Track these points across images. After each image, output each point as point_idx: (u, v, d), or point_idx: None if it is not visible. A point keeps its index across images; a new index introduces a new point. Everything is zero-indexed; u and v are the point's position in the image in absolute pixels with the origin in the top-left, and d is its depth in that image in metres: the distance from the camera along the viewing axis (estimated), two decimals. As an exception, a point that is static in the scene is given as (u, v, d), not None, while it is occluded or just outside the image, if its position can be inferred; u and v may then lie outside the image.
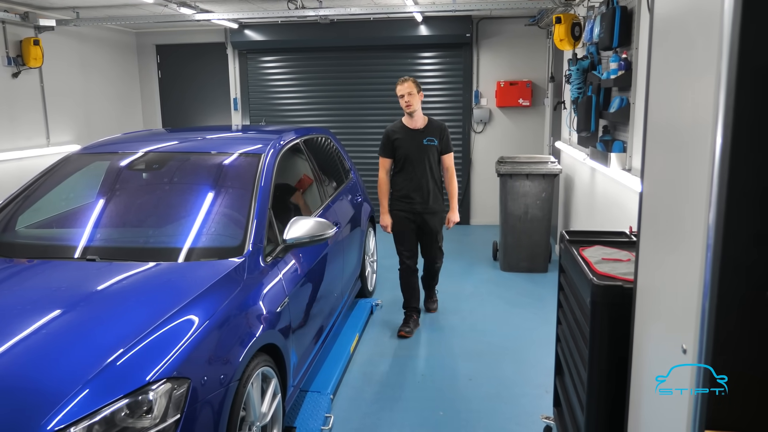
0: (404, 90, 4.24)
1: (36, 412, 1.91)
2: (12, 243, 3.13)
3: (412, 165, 4.34)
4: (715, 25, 1.23)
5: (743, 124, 1.16)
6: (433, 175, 4.38)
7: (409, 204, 4.38)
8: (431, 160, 4.35)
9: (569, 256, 2.54)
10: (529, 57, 7.74)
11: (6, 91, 6.07)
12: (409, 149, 4.33)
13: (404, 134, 4.36)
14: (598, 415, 2.14)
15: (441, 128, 4.42)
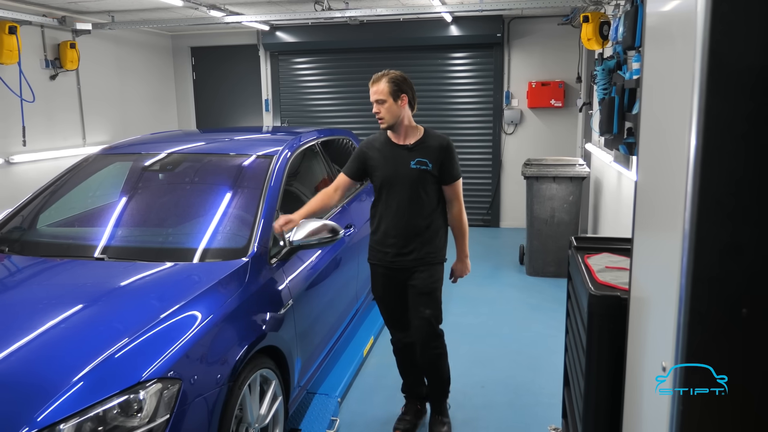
0: (374, 94, 2.91)
1: (30, 404, 1.95)
2: (31, 241, 3.22)
3: (392, 196, 2.98)
4: (690, 26, 1.16)
5: (715, 130, 1.09)
6: (422, 211, 2.96)
7: (384, 253, 3.05)
8: (422, 190, 2.95)
9: (574, 263, 2.46)
10: (561, 57, 7.58)
11: (44, 93, 6.27)
12: (387, 173, 2.98)
13: (384, 152, 3.01)
14: (595, 428, 2.07)
15: (441, 147, 2.97)
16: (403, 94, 2.92)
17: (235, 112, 8.81)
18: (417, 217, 2.98)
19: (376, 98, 2.91)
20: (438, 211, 3.05)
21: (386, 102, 2.89)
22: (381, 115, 2.92)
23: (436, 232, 3.04)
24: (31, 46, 6.11)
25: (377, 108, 2.92)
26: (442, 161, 2.97)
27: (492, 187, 8.09)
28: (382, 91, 2.90)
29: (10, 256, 2.96)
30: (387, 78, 2.90)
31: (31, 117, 6.04)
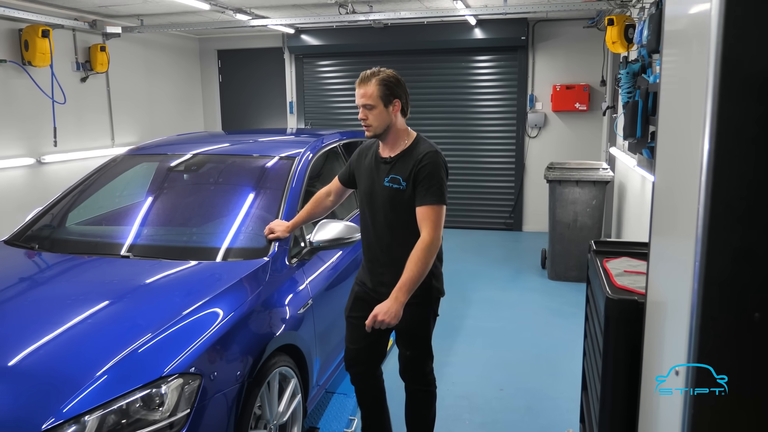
0: (361, 97, 2.51)
1: (56, 396, 2.01)
2: (61, 239, 3.31)
3: (371, 215, 2.62)
4: (705, 30, 1.16)
5: (726, 133, 1.09)
6: (402, 238, 2.51)
7: (365, 276, 2.72)
8: (398, 214, 2.51)
9: (593, 267, 2.45)
10: (586, 60, 7.52)
11: (75, 95, 6.43)
12: (364, 188, 2.65)
13: (369, 163, 2.64)
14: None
15: (418, 159, 2.46)
16: (396, 99, 2.50)
17: (259, 113, 8.92)
18: (396, 247, 2.53)
19: (363, 102, 2.48)
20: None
21: (375, 108, 2.47)
22: (368, 122, 2.49)
23: None
24: (63, 49, 6.27)
25: (364, 114, 2.48)
26: (416, 175, 2.45)
27: (515, 190, 8.06)
28: (371, 95, 2.47)
29: (40, 253, 3.05)
30: (377, 79, 2.49)
31: (62, 118, 6.20)
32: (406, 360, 2.70)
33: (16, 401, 2.03)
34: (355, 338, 2.76)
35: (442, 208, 2.45)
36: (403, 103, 2.56)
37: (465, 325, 4.70)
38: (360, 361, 2.78)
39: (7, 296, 2.67)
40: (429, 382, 2.75)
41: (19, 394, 2.05)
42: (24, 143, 5.83)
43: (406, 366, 2.72)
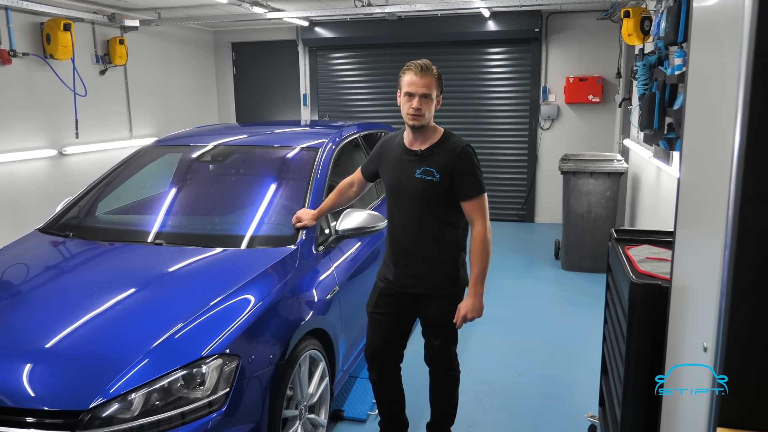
0: (422, 86, 2.48)
1: (101, 377, 2.12)
2: (92, 227, 3.41)
3: (399, 208, 2.63)
4: (737, 23, 1.23)
5: (759, 125, 1.16)
6: (432, 230, 2.57)
7: (390, 270, 2.72)
8: (430, 205, 2.56)
9: (615, 254, 2.53)
10: (600, 52, 7.55)
11: (94, 87, 6.53)
12: (392, 181, 2.66)
13: (395, 155, 2.66)
14: (634, 415, 2.14)
15: (452, 154, 2.53)
16: (441, 94, 2.59)
17: (273, 106, 9.00)
18: (426, 236, 2.58)
19: (424, 92, 2.47)
20: (455, 231, 2.62)
21: (432, 100, 2.51)
22: (423, 111, 2.49)
23: (451, 256, 2.61)
24: (83, 42, 6.36)
25: (420, 103, 2.47)
26: (453, 170, 2.51)
27: (527, 182, 8.11)
28: (432, 85, 2.49)
29: (75, 240, 3.15)
30: (436, 72, 2.52)
31: (82, 110, 6.30)
32: (434, 348, 2.76)
33: (64, 381, 2.13)
34: (378, 334, 2.79)
35: (485, 196, 2.58)
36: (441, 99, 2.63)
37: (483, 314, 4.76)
38: (382, 357, 2.82)
39: (46, 282, 2.78)
40: (453, 368, 2.83)
41: (66, 374, 2.15)
42: (46, 135, 5.94)
43: (432, 353, 2.78)
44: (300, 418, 2.65)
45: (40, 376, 2.15)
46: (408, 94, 2.51)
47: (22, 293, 2.68)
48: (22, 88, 5.64)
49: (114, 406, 2.06)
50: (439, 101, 2.58)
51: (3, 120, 5.45)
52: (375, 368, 2.84)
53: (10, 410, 2.06)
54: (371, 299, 2.83)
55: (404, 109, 2.53)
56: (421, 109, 2.49)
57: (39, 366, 2.18)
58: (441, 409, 2.88)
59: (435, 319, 2.68)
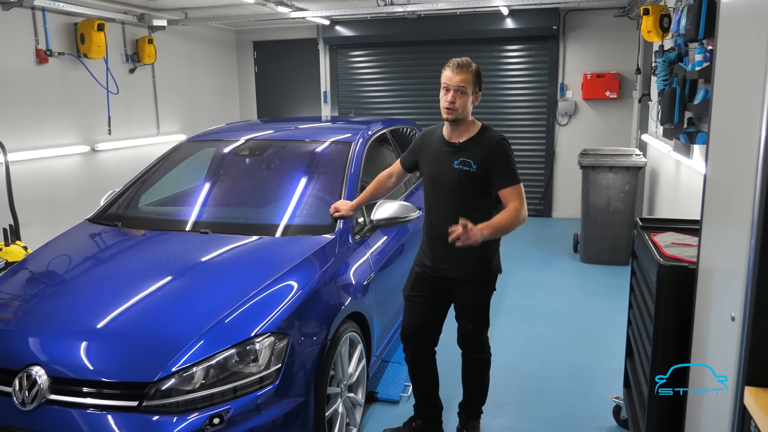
0: (460, 81, 2.63)
1: (163, 354, 2.29)
2: (137, 217, 3.59)
3: (437, 197, 2.79)
4: (764, 20, 1.36)
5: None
6: (467, 216, 2.57)
7: (427, 257, 2.85)
8: (467, 195, 2.69)
9: (641, 241, 2.66)
10: (617, 49, 7.64)
11: (124, 86, 6.73)
12: (431, 172, 2.80)
13: (435, 147, 2.81)
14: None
15: (489, 145, 2.67)
16: (479, 90, 2.73)
17: (294, 103, 9.17)
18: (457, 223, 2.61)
19: (460, 87, 2.62)
20: (489, 220, 2.64)
21: (466, 95, 2.65)
22: (456, 105, 2.63)
23: (484, 244, 2.62)
24: (113, 42, 6.56)
25: (454, 97, 2.62)
26: (489, 162, 2.65)
27: (545, 177, 8.23)
28: (468, 81, 2.64)
29: (124, 229, 3.33)
30: (474, 69, 2.67)
31: (113, 108, 6.50)
32: (466, 332, 2.90)
33: (130, 357, 2.31)
34: (414, 316, 2.91)
35: (522, 186, 2.71)
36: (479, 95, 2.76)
37: (504, 304, 4.91)
38: (418, 339, 2.93)
39: (103, 267, 2.96)
40: (485, 350, 2.98)
41: (131, 351, 2.33)
42: (79, 132, 6.14)
43: (465, 337, 2.92)
44: (341, 396, 2.81)
45: (108, 353, 2.32)
46: (445, 89, 2.67)
47: (79, 278, 2.87)
48: (57, 86, 5.84)
49: (176, 379, 2.23)
50: (477, 97, 2.72)
51: (39, 117, 5.66)
52: (410, 349, 2.96)
53: (82, 382, 2.23)
54: (408, 283, 2.96)
55: (441, 103, 2.69)
56: (454, 102, 2.64)
57: (104, 344, 2.36)
58: (473, 389, 3.03)
59: (468, 303, 2.83)
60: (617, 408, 3.16)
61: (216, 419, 2.19)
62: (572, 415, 3.27)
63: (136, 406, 2.18)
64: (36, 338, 2.39)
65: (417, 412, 3.08)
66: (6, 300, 2.70)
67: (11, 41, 5.30)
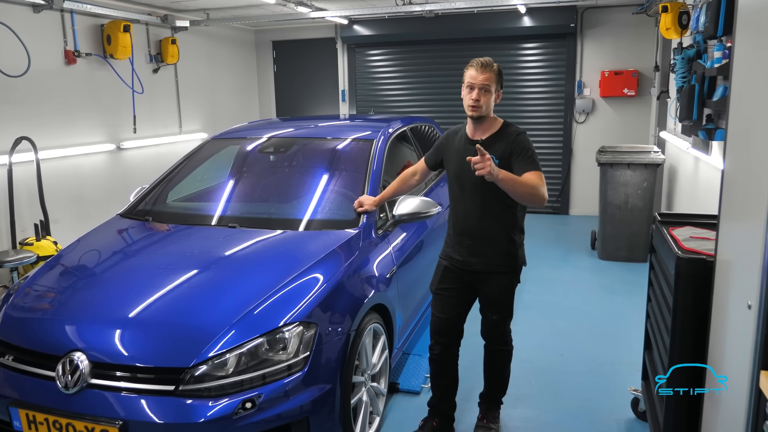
0: (484, 80, 2.71)
1: (197, 342, 2.39)
2: (167, 212, 3.70)
3: (462, 193, 2.86)
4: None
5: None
6: (493, 213, 2.78)
7: (454, 250, 2.92)
8: (490, 190, 2.72)
9: (660, 235, 2.71)
10: (635, 46, 7.65)
11: (148, 85, 6.88)
12: (457, 169, 2.87)
13: (459, 145, 2.89)
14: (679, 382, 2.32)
15: (509, 139, 2.77)
16: (501, 89, 2.83)
17: (312, 102, 9.28)
18: (488, 219, 2.80)
19: (484, 85, 2.71)
20: (513, 213, 2.82)
21: (490, 93, 2.74)
22: (480, 103, 2.72)
23: (510, 237, 2.81)
24: (138, 42, 6.70)
25: (479, 95, 2.71)
26: (510, 153, 2.74)
27: (562, 175, 8.25)
28: (492, 79, 2.73)
29: (154, 223, 3.44)
30: (497, 68, 2.77)
31: (138, 107, 6.65)
32: (491, 323, 2.97)
33: (166, 344, 2.41)
34: (445, 309, 2.95)
35: (542, 173, 2.75)
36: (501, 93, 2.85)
37: (523, 299, 4.97)
38: (449, 332, 2.97)
39: (135, 259, 3.08)
40: (507, 342, 3.05)
41: (166, 339, 2.44)
42: (105, 130, 6.29)
43: (489, 328, 2.99)
44: (365, 385, 2.90)
45: (145, 340, 2.43)
46: (469, 87, 2.75)
47: (115, 269, 2.99)
48: (84, 86, 6.00)
49: (210, 365, 2.33)
50: (498, 95, 2.81)
51: (68, 116, 5.81)
52: (441, 343, 2.99)
53: (121, 367, 2.34)
54: (435, 278, 3.00)
55: (465, 101, 2.76)
56: (479, 100, 2.73)
57: (141, 331, 2.47)
58: (494, 380, 3.10)
59: (495, 294, 2.90)
60: (635, 400, 3.22)
61: (248, 404, 2.29)
62: (590, 407, 3.33)
63: (172, 390, 2.28)
64: (78, 326, 2.51)
65: (436, 410, 3.08)
66: (49, 290, 2.83)
67: (41, 43, 5.46)
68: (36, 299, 2.76)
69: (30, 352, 2.48)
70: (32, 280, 2.90)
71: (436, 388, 3.08)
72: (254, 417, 2.30)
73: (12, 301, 2.76)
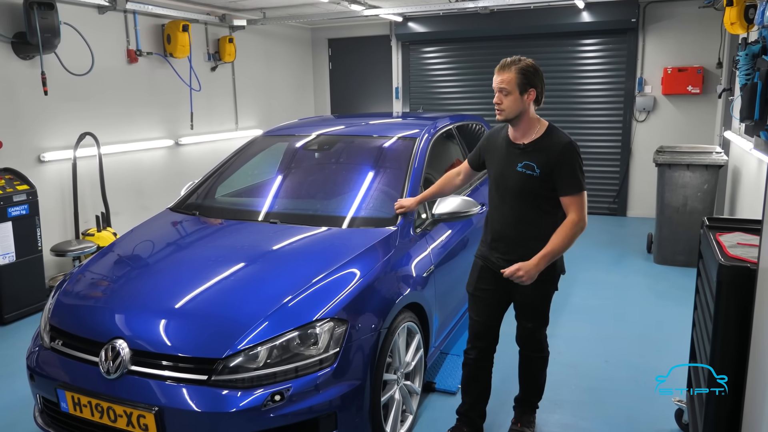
0: (500, 82, 2.61)
1: (229, 335, 2.45)
2: (214, 207, 3.82)
3: (501, 197, 2.75)
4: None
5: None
6: (531, 220, 2.68)
7: (489, 253, 2.83)
8: (530, 197, 2.65)
9: (706, 240, 2.60)
10: (701, 41, 7.31)
11: (207, 83, 7.10)
12: (496, 173, 2.78)
13: (500, 148, 2.78)
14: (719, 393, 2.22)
15: (554, 150, 2.60)
16: (532, 88, 2.61)
17: (366, 99, 9.34)
18: (525, 225, 2.68)
19: (501, 87, 2.61)
20: (550, 223, 2.65)
21: (511, 94, 2.60)
22: (502, 106, 2.62)
23: (544, 244, 2.61)
24: (197, 41, 6.94)
25: (499, 98, 2.62)
26: (553, 166, 2.58)
27: (620, 175, 7.99)
28: (510, 80, 2.59)
29: (201, 218, 3.56)
30: (517, 68, 2.59)
31: (196, 104, 6.88)
32: (526, 331, 2.87)
33: (200, 335, 2.49)
34: (482, 312, 2.86)
35: (584, 194, 2.61)
36: (538, 92, 2.64)
37: (570, 303, 4.86)
38: (487, 335, 2.88)
39: (177, 252, 3.19)
40: (543, 348, 2.95)
41: (201, 330, 2.51)
42: (165, 126, 6.55)
43: (524, 335, 2.89)
44: (398, 383, 2.91)
45: (182, 331, 2.52)
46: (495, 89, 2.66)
47: (160, 262, 3.10)
48: (145, 84, 6.25)
49: (242, 357, 2.40)
50: (531, 94, 2.61)
51: (130, 113, 6.08)
52: (478, 347, 2.89)
53: (159, 356, 2.44)
54: (471, 278, 2.92)
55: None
56: (500, 103, 2.62)
57: (178, 322, 2.56)
58: (530, 386, 3.03)
59: (529, 301, 2.79)
60: (679, 411, 3.09)
61: (277, 396, 2.34)
62: (632, 415, 3.22)
63: (205, 380, 2.36)
64: (120, 314, 2.62)
65: (465, 418, 2.98)
66: (95, 279, 2.97)
67: (105, 42, 5.73)
68: (85, 287, 2.90)
69: (77, 337, 2.61)
70: (83, 269, 3.06)
71: (467, 395, 2.98)
72: (283, 410, 2.34)
73: (64, 288, 2.92)
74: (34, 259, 4.77)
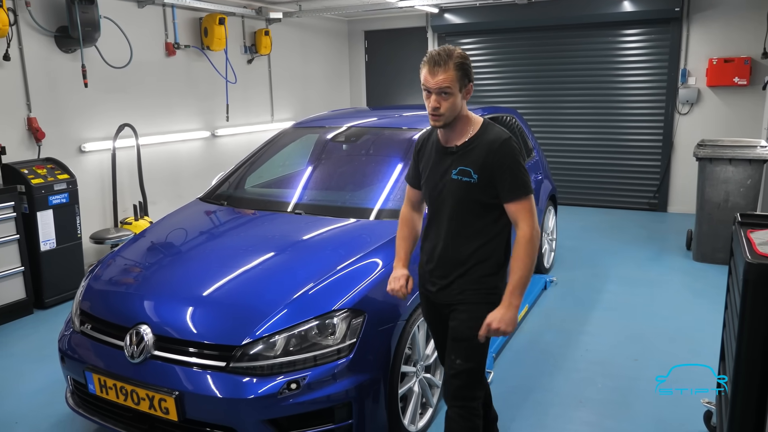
0: (439, 82, 2.13)
1: (248, 323, 2.50)
2: (242, 197, 3.88)
3: (436, 211, 2.32)
4: None
5: None
6: (469, 235, 2.24)
7: (425, 280, 2.40)
8: (468, 208, 2.22)
9: (736, 237, 2.50)
10: (749, 31, 7.02)
11: (243, 75, 7.20)
12: (429, 183, 2.34)
13: (431, 154, 2.35)
14: (745, 393, 2.15)
15: (489, 149, 2.17)
16: (470, 82, 2.19)
17: (402, 90, 9.32)
18: (461, 241, 2.24)
19: (441, 87, 2.12)
20: (496, 237, 2.25)
21: (452, 95, 2.13)
22: (441, 110, 2.14)
23: (487, 263, 2.24)
24: (233, 34, 7.03)
25: (438, 101, 2.13)
26: (491, 169, 2.16)
27: (661, 169, 7.76)
28: (451, 79, 2.12)
29: (229, 208, 3.62)
30: (454, 62, 2.13)
31: (232, 96, 6.99)
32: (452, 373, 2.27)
33: (220, 322, 2.55)
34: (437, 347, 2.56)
35: (531, 197, 2.19)
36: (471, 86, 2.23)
37: (602, 299, 4.76)
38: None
39: (204, 242, 3.26)
40: (468, 401, 2.26)
41: (222, 317, 2.57)
42: (201, 118, 6.67)
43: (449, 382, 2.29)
44: (417, 375, 2.91)
45: (204, 318, 2.58)
46: (425, 91, 2.18)
47: (186, 250, 3.18)
48: (183, 76, 6.38)
49: (260, 345, 2.44)
50: (468, 90, 2.20)
51: (167, 105, 6.22)
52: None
53: (181, 342, 2.50)
54: (422, 310, 2.54)
55: (427, 109, 2.21)
56: (439, 107, 2.15)
57: (200, 309, 2.62)
58: None
59: (461, 331, 2.24)
60: (708, 413, 3.00)
61: (293, 384, 2.37)
62: (659, 416, 3.14)
63: (224, 367, 2.41)
64: (145, 301, 2.70)
65: None
66: (124, 266, 3.06)
67: (144, 36, 5.86)
68: (113, 274, 3.00)
69: (104, 322, 2.71)
70: (113, 256, 3.16)
71: None
72: (298, 398, 2.38)
73: (95, 273, 3.02)
74: (73, 246, 4.94)
